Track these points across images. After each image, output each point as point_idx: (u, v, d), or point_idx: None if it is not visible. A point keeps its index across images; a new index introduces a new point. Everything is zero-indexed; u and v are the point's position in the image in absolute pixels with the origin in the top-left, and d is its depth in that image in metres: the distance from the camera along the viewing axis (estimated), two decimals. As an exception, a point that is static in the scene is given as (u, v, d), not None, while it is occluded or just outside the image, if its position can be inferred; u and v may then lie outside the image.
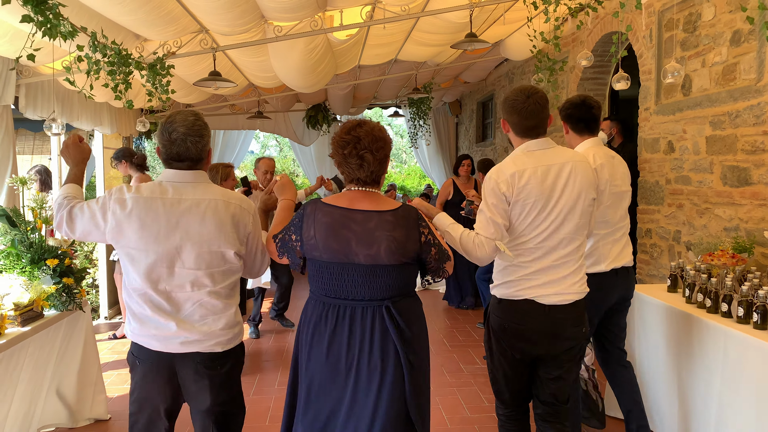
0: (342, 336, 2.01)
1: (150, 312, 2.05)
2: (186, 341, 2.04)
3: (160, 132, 2.11)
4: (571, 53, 6.28)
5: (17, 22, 3.27)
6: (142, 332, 2.07)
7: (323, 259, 2.03)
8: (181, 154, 2.09)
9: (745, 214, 3.78)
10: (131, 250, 2.05)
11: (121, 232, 2.05)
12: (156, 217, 2.04)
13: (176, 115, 2.10)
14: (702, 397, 2.89)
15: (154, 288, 2.05)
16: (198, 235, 2.06)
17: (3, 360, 2.84)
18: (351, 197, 2.08)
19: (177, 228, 2.04)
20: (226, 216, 2.10)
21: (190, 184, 2.11)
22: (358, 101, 9.77)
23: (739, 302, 2.73)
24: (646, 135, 4.98)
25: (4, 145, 4.33)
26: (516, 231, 2.36)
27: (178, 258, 2.05)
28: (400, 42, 5.96)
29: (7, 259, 3.35)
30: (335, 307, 2.04)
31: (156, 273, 2.04)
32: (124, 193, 2.07)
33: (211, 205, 2.09)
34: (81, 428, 3.69)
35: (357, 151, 2.03)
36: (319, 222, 2.03)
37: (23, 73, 4.44)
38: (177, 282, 2.06)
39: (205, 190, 2.13)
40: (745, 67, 3.74)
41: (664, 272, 4.69)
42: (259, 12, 4.21)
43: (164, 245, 2.03)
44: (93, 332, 3.81)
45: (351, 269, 2.01)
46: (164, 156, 2.12)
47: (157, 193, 2.07)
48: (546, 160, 2.38)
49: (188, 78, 5.48)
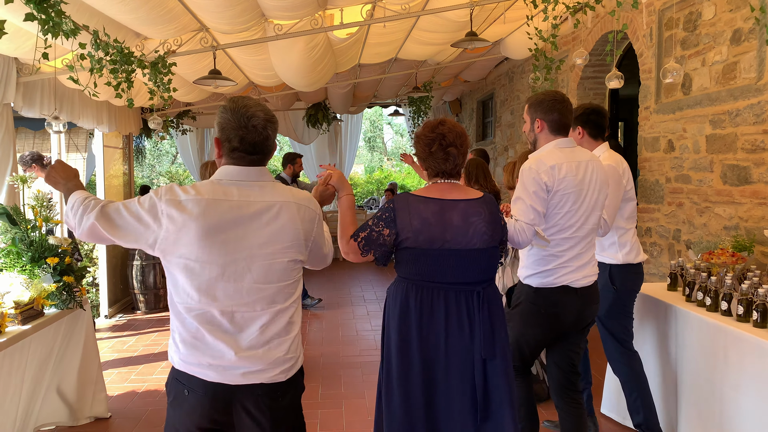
0: (438, 317, 2.14)
1: (207, 335, 1.73)
2: (248, 372, 1.74)
3: (230, 118, 1.77)
4: (570, 52, 6.28)
5: (17, 21, 3.27)
6: (194, 360, 1.74)
7: (422, 246, 2.14)
8: (258, 145, 1.79)
9: (745, 212, 3.78)
10: (189, 261, 1.72)
11: (178, 241, 1.72)
12: (221, 223, 1.73)
13: (246, 100, 1.80)
14: (704, 396, 2.90)
15: (215, 307, 1.74)
16: (269, 244, 1.77)
17: (4, 358, 2.84)
18: (440, 189, 2.23)
19: (245, 236, 1.75)
20: (298, 221, 1.83)
21: (256, 184, 1.80)
22: (359, 100, 9.77)
23: (739, 301, 2.73)
24: (646, 134, 4.98)
25: (5, 144, 4.33)
26: (552, 221, 2.58)
27: (247, 271, 1.75)
28: (401, 41, 5.95)
29: (8, 258, 3.35)
30: (430, 290, 2.16)
31: (219, 289, 1.74)
32: (178, 194, 1.75)
33: (283, 209, 1.81)
34: (81, 426, 3.70)
35: (443, 147, 2.19)
36: (417, 213, 2.16)
37: (22, 72, 4.43)
38: (244, 300, 1.76)
39: (273, 191, 1.83)
40: (746, 66, 3.74)
41: (664, 271, 4.69)
42: (260, 10, 4.20)
43: (230, 256, 1.74)
44: (93, 330, 3.82)
45: (447, 255, 2.14)
46: (234, 146, 1.78)
47: (220, 195, 1.76)
48: (575, 156, 2.63)
49: (188, 76, 5.48)
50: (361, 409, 3.95)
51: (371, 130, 24.89)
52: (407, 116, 10.58)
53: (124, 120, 6.86)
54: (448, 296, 2.15)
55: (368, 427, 3.68)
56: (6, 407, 2.91)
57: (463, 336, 2.14)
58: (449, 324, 2.14)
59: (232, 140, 1.78)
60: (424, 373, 2.15)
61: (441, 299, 2.15)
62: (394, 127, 25.54)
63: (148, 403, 4.11)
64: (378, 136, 25.55)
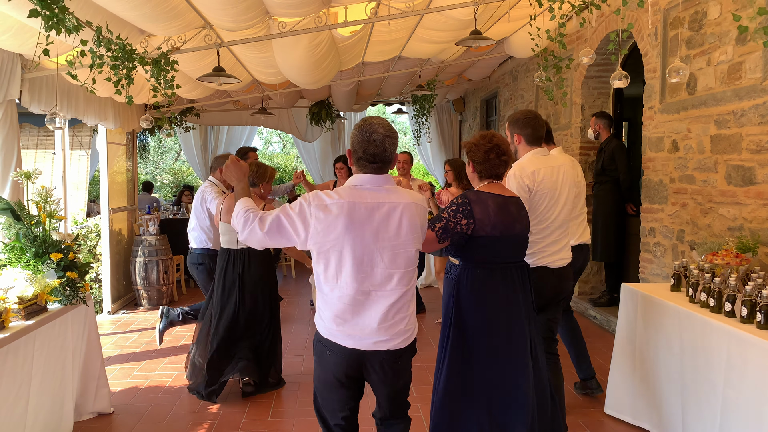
0: (506, 287, 2.64)
1: (347, 312, 2.22)
2: (378, 341, 2.24)
3: (357, 133, 2.25)
4: (575, 51, 6.26)
5: (21, 17, 3.27)
6: (336, 330, 2.25)
7: (493, 234, 2.58)
8: (377, 155, 2.23)
9: (750, 213, 3.77)
10: (334, 253, 2.19)
11: (326, 236, 2.17)
12: (360, 221, 2.18)
13: (372, 119, 2.28)
14: (706, 396, 2.89)
15: (358, 288, 2.21)
16: (396, 237, 2.23)
17: (9, 353, 2.85)
18: (497, 187, 2.73)
19: (378, 231, 2.20)
20: (416, 218, 2.29)
21: (383, 188, 2.26)
22: (362, 98, 9.76)
23: (743, 302, 2.72)
24: (650, 134, 4.97)
25: (9, 140, 4.34)
26: (532, 214, 3.06)
27: (380, 260, 2.21)
28: (404, 39, 5.94)
29: (12, 253, 3.36)
30: (499, 268, 2.65)
31: (358, 274, 2.20)
32: (324, 199, 2.20)
33: (407, 208, 2.26)
34: (84, 422, 3.71)
35: (498, 155, 2.68)
36: (490, 206, 2.61)
37: (27, 68, 4.44)
38: (377, 282, 2.22)
39: (397, 193, 2.29)
40: (751, 66, 3.72)
41: (667, 271, 4.68)
42: (264, 8, 4.20)
43: (367, 248, 2.19)
44: (96, 326, 3.82)
45: (510, 239, 2.65)
46: (359, 156, 2.25)
47: (357, 198, 2.21)
48: (550, 162, 3.20)
49: (192, 73, 5.48)
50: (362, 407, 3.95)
51: (374, 128, 24.81)
52: (410, 115, 10.56)
53: (128, 116, 6.86)
54: (511, 271, 2.67)
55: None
56: (14, 403, 2.91)
57: (518, 297, 2.68)
58: (515, 289, 2.67)
59: (358, 151, 2.25)
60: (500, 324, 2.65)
61: (506, 274, 2.66)
62: (397, 125, 25.50)
63: (150, 398, 4.12)
64: (381, 134, 25.45)
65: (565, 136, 6.66)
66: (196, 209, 4.81)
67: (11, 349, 2.87)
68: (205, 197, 4.73)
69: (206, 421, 3.75)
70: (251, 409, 3.93)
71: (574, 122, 6.42)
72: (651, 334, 3.41)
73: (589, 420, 3.70)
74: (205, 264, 4.77)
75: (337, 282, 2.22)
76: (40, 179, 3.68)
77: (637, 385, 3.54)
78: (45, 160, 8.02)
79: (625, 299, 3.67)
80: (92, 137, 8.03)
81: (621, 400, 3.67)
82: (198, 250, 4.82)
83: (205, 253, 4.80)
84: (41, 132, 8.04)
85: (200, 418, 3.79)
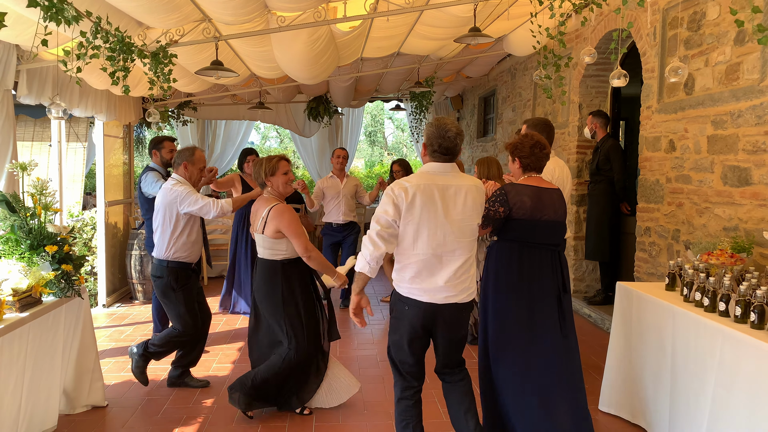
0: (538, 265, 3.06)
1: (424, 272, 2.74)
2: (448, 296, 2.75)
3: (434, 130, 2.77)
4: (574, 50, 6.27)
5: (19, 7, 3.25)
6: (414, 288, 2.76)
7: (526, 218, 3.03)
8: (449, 149, 2.77)
9: (745, 214, 3.78)
10: (417, 225, 2.71)
11: (410, 212, 2.70)
12: (433, 199, 2.72)
13: (445, 119, 2.82)
14: (695, 395, 2.91)
15: (432, 253, 2.72)
16: (462, 212, 2.77)
17: (3, 345, 2.84)
18: (536, 180, 3.15)
19: (448, 208, 2.73)
20: (478, 197, 2.84)
21: (451, 174, 2.80)
22: (360, 94, 9.75)
23: (737, 302, 2.74)
24: (647, 133, 4.98)
25: (5, 131, 4.32)
26: None
27: (449, 231, 2.73)
28: (404, 35, 5.94)
29: (6, 245, 3.34)
30: (531, 247, 3.07)
31: (435, 241, 2.72)
32: (404, 184, 2.73)
33: (470, 189, 2.80)
34: (78, 414, 3.71)
35: (541, 149, 3.14)
36: (525, 195, 3.05)
37: (24, 59, 4.42)
38: (449, 248, 2.74)
39: (461, 178, 2.81)
40: (749, 67, 3.73)
41: (662, 270, 4.70)
42: (263, 2, 4.19)
43: (440, 220, 2.71)
44: (91, 319, 3.82)
45: (542, 224, 3.06)
46: (434, 149, 2.78)
47: (430, 181, 2.75)
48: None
49: (190, 67, 5.46)
50: (358, 403, 3.96)
51: (372, 125, 24.86)
52: (408, 111, 10.56)
53: (125, 109, 6.84)
54: (542, 252, 3.07)
55: (366, 419, 3.69)
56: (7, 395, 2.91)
57: (549, 276, 3.06)
58: (543, 269, 3.06)
59: (434, 144, 2.77)
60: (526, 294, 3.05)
61: (537, 253, 3.07)
62: (395, 121, 25.48)
63: (144, 392, 4.11)
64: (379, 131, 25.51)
65: (562, 135, 6.67)
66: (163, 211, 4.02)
67: (6, 341, 2.86)
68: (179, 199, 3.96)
69: (200, 415, 3.75)
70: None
71: (571, 121, 6.43)
72: (644, 332, 3.42)
73: (582, 418, 3.72)
74: (164, 278, 4.02)
75: (414, 249, 2.72)
76: (36, 171, 3.66)
77: (630, 382, 3.56)
78: (41, 152, 7.99)
79: (620, 298, 3.68)
80: (89, 130, 8.00)
81: (615, 398, 3.69)
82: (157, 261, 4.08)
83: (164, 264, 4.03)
84: (37, 124, 8.01)
85: (194, 412, 3.79)
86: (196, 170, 4.15)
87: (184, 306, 4.05)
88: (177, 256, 4.02)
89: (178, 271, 4.03)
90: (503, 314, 3.07)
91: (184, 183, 4.04)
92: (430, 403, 3.93)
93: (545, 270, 3.06)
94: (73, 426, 3.57)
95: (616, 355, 3.67)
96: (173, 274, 4.01)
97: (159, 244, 4.03)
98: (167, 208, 3.98)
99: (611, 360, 3.72)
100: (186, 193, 3.95)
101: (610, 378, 3.73)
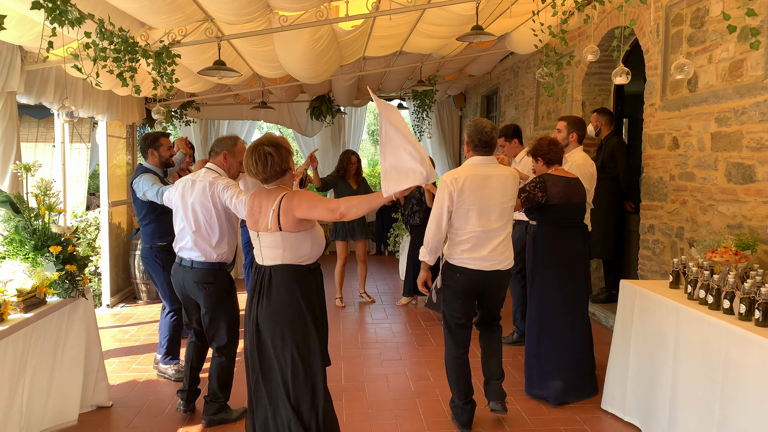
0: (569, 239, 4.00)
1: (474, 246, 3.35)
2: (492, 264, 3.40)
3: (473, 128, 3.38)
4: (576, 48, 6.25)
5: (23, 9, 3.26)
6: (466, 258, 3.38)
7: (559, 202, 3.87)
8: (488, 142, 3.37)
9: (749, 211, 3.77)
10: (467, 208, 3.33)
11: (461, 198, 3.32)
12: (480, 186, 3.33)
13: (482, 119, 3.42)
14: (704, 394, 2.90)
15: (481, 230, 3.35)
16: (502, 196, 3.38)
17: (8, 345, 2.85)
18: (561, 171, 4.01)
19: (491, 193, 3.34)
20: (513, 184, 3.46)
21: (491, 165, 3.41)
22: (363, 93, 9.74)
23: (741, 299, 2.73)
24: (650, 131, 4.96)
25: (9, 132, 4.33)
26: None
27: (493, 211, 3.36)
28: (406, 34, 5.93)
29: (11, 246, 3.36)
30: (564, 226, 3.98)
31: (482, 220, 3.35)
32: (454, 175, 3.34)
33: (507, 178, 3.41)
34: (83, 415, 3.72)
35: (555, 144, 4.01)
36: (557, 183, 3.89)
37: (27, 60, 4.43)
38: (493, 227, 3.38)
39: (499, 168, 3.43)
40: (752, 64, 3.72)
41: (666, 268, 4.68)
42: (265, 1, 4.19)
43: (485, 203, 3.34)
44: (95, 319, 3.83)
45: (570, 207, 3.93)
46: (475, 144, 3.38)
47: (475, 171, 3.36)
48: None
49: (193, 67, 5.47)
50: (362, 402, 3.96)
51: (375, 123, 24.82)
52: (411, 110, 10.55)
53: (128, 110, 6.85)
54: (574, 229, 4.03)
55: (370, 419, 3.70)
56: (12, 395, 2.92)
57: (579, 249, 4.04)
58: (576, 243, 4.02)
59: (475, 140, 3.39)
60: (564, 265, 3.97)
61: (570, 231, 4.00)
62: (397, 120, 25.40)
63: (149, 392, 4.13)
64: (381, 130, 25.42)
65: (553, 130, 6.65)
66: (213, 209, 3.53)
67: (11, 341, 2.88)
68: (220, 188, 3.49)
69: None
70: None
71: (574, 119, 6.41)
72: (648, 330, 3.41)
73: (586, 415, 3.72)
74: (216, 282, 3.55)
75: (466, 228, 3.36)
76: (40, 172, 3.67)
77: (633, 381, 3.55)
78: (45, 153, 8.01)
79: (624, 296, 3.67)
80: (92, 130, 8.02)
81: (618, 396, 3.68)
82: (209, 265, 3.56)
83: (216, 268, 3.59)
84: (41, 125, 8.03)
85: (199, 412, 3.79)
86: (236, 162, 3.69)
87: (237, 313, 3.64)
88: (227, 256, 3.59)
89: (228, 272, 3.65)
90: (546, 287, 3.93)
91: (223, 175, 3.60)
92: (434, 401, 3.93)
93: (577, 242, 4.01)
94: (79, 425, 3.58)
95: (619, 354, 3.67)
96: (227, 276, 3.61)
97: (208, 245, 3.49)
98: (211, 204, 3.47)
99: (614, 358, 3.71)
100: (229, 186, 3.47)
101: (612, 376, 3.72)
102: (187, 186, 3.59)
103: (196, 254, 3.51)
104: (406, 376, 4.42)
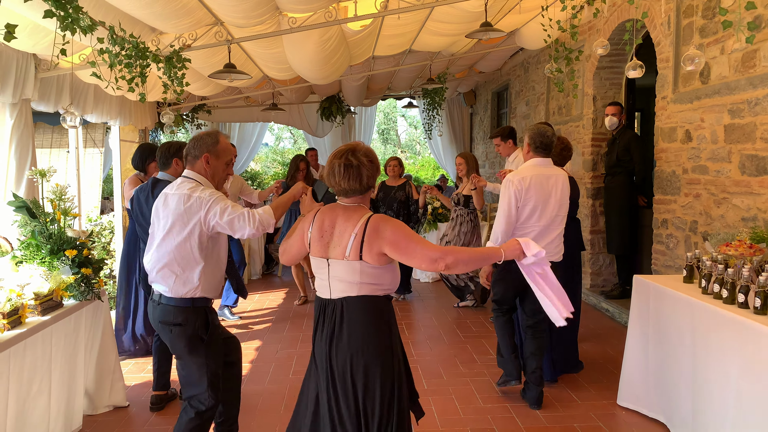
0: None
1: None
2: (549, 255, 3.39)
3: (535, 131, 3.68)
4: (587, 42, 6.21)
5: (35, 17, 3.31)
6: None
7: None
8: (548, 145, 3.68)
9: (764, 203, 3.72)
10: (532, 204, 3.62)
11: (527, 196, 3.61)
12: (540, 187, 3.63)
13: (545, 125, 3.76)
14: (719, 388, 2.87)
15: (542, 225, 3.66)
16: (561, 195, 3.70)
17: (27, 348, 2.90)
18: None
19: (551, 191, 3.66)
20: (567, 185, 3.74)
21: (550, 167, 3.73)
22: (372, 92, 9.76)
23: (756, 293, 2.70)
24: (663, 124, 4.92)
25: (24, 138, 4.40)
26: None
27: (551, 208, 3.66)
28: (415, 32, 5.93)
29: (28, 250, 3.41)
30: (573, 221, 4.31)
31: (543, 216, 3.65)
32: (520, 176, 3.64)
33: (564, 179, 3.72)
34: (100, 415, 3.77)
35: (569, 151, 4.27)
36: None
37: (40, 67, 4.49)
38: (550, 221, 3.67)
39: (556, 169, 3.75)
40: (765, 54, 3.67)
41: (680, 263, 4.64)
42: (274, 3, 4.21)
43: (545, 200, 3.64)
44: (111, 321, 3.87)
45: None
46: (536, 145, 3.67)
47: (536, 172, 3.66)
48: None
49: (203, 70, 5.51)
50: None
51: (385, 123, 24.86)
52: (421, 108, 10.54)
53: (140, 114, 6.92)
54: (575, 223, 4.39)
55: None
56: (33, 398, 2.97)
57: (571, 236, 4.10)
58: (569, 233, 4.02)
59: (536, 142, 3.68)
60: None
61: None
62: (408, 119, 25.46)
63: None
64: (392, 129, 25.51)
65: (576, 128, 6.61)
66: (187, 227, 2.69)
67: (29, 343, 2.93)
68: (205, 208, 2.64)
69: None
70: (262, 404, 3.97)
71: (586, 113, 6.38)
72: (663, 325, 3.39)
73: (601, 412, 3.70)
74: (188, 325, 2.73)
75: (530, 222, 3.64)
76: (55, 177, 3.72)
77: (650, 376, 3.53)
78: (59, 158, 8.12)
79: (638, 291, 3.65)
80: (105, 135, 8.11)
81: (634, 392, 3.66)
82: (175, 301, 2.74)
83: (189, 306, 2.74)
84: (55, 131, 8.13)
85: (214, 412, 3.82)
86: (221, 165, 2.80)
87: (214, 362, 2.77)
88: (205, 291, 2.75)
89: (206, 311, 2.78)
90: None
91: (206, 184, 2.74)
92: (448, 400, 3.93)
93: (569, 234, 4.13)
94: (96, 426, 3.63)
95: (635, 349, 3.64)
96: (201, 317, 2.75)
97: (174, 277, 2.69)
98: (188, 223, 2.64)
99: (629, 354, 3.69)
100: (213, 198, 2.64)
101: (628, 372, 3.70)
102: (159, 203, 2.76)
103: (163, 287, 2.72)
104: (419, 373, 4.42)
